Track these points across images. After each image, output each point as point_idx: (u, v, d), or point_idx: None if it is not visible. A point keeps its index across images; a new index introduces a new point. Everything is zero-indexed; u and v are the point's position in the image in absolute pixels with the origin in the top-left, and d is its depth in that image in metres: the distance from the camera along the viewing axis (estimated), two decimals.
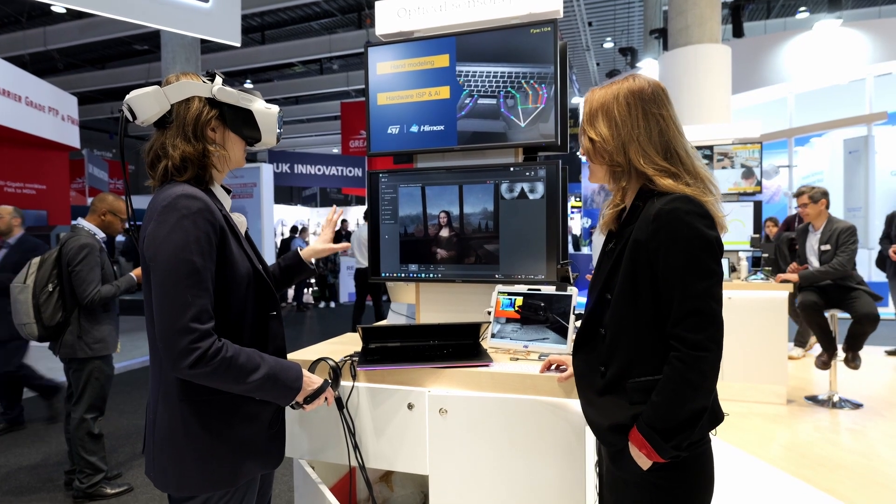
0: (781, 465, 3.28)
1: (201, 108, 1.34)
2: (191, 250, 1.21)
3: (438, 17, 2.19)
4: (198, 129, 1.33)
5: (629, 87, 1.30)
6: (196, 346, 1.18)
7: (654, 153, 1.26)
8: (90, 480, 3.10)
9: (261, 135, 1.42)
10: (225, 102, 1.36)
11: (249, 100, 1.40)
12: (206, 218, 1.24)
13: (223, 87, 1.36)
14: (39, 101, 8.15)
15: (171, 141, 1.33)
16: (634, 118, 1.27)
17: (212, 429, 1.29)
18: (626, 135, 1.27)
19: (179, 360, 1.17)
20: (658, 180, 1.24)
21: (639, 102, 1.28)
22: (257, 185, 10.44)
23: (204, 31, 6.75)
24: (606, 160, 1.31)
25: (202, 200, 1.26)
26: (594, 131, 1.31)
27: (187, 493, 1.29)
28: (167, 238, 1.21)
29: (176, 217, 1.22)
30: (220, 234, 1.28)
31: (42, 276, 2.99)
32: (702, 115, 7.15)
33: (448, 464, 1.66)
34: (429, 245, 2.18)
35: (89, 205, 3.30)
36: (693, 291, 1.16)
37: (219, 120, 1.37)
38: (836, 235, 4.28)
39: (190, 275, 1.20)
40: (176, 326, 1.18)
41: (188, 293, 1.19)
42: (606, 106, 1.30)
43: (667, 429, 1.17)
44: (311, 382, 1.41)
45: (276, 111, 1.43)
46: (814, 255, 4.45)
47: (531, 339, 1.84)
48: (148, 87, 1.34)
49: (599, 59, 17.93)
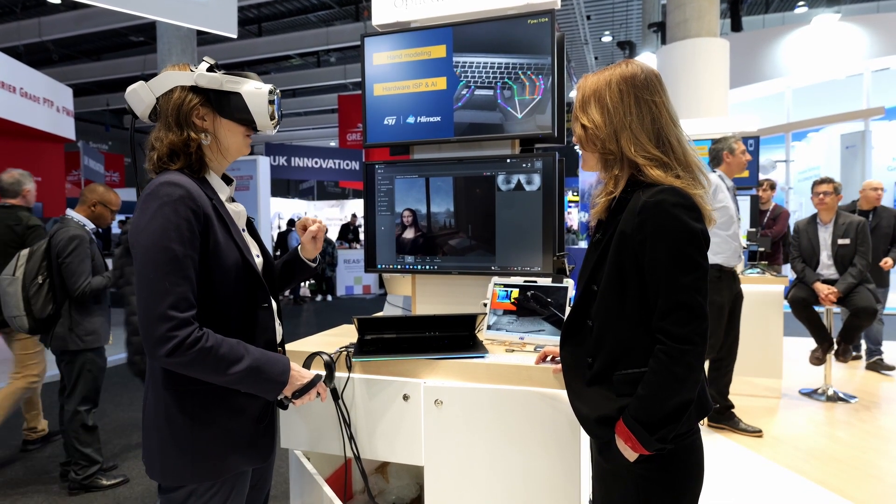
0: (776, 459, 3.30)
1: (183, 97, 1.31)
2: (170, 237, 1.19)
3: (435, 7, 2.17)
4: (181, 117, 1.31)
5: (622, 72, 1.28)
6: (173, 334, 1.16)
7: (646, 141, 1.24)
8: (85, 472, 3.10)
9: (252, 117, 1.36)
10: (210, 88, 1.33)
11: (237, 82, 1.34)
12: (187, 205, 1.22)
13: (205, 73, 1.33)
14: (34, 93, 8.09)
15: (157, 133, 1.33)
16: (627, 105, 1.26)
17: (195, 418, 1.27)
18: (619, 122, 1.25)
19: (157, 347, 1.16)
20: (647, 170, 1.23)
21: (631, 89, 1.26)
22: (254, 178, 10.42)
23: (200, 23, 6.69)
24: (598, 147, 1.30)
25: (184, 188, 1.24)
26: (586, 118, 1.29)
27: (171, 482, 1.29)
28: (147, 225, 1.20)
29: (157, 204, 1.21)
30: (203, 222, 1.26)
31: (31, 268, 2.96)
32: (700, 109, 7.15)
33: (443, 455, 1.66)
34: (425, 236, 2.18)
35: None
36: (678, 285, 1.16)
37: (207, 107, 1.34)
38: (855, 229, 4.26)
39: (169, 262, 1.18)
40: (154, 314, 1.16)
41: (167, 280, 1.18)
42: (599, 92, 1.28)
43: (652, 422, 1.17)
44: (301, 377, 1.38)
45: (267, 90, 1.35)
46: (826, 249, 4.41)
47: (527, 331, 1.84)
48: (136, 83, 1.34)
49: (598, 53, 17.89)
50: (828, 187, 4.41)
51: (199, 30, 7.91)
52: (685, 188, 1.21)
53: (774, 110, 10.88)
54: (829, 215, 4.45)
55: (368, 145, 2.28)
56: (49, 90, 8.52)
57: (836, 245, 4.33)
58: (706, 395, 1.30)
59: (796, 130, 10.81)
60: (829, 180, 4.46)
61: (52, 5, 11.99)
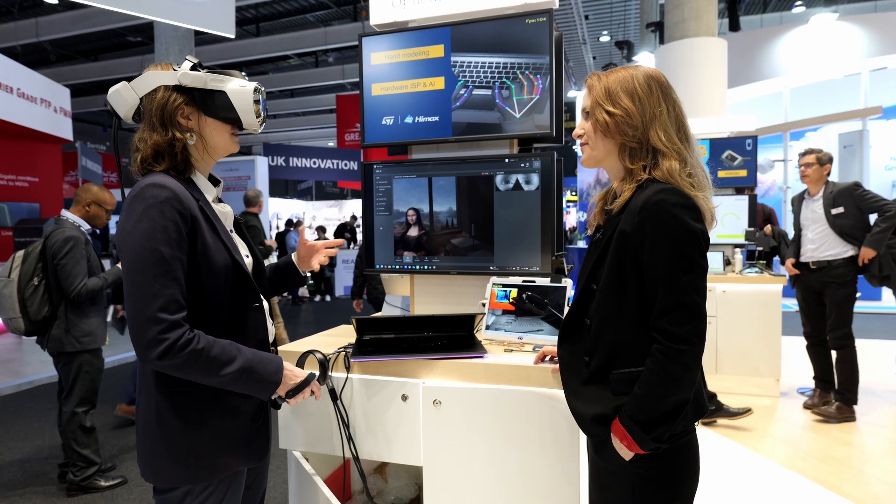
0: (774, 457, 3.30)
1: (167, 97, 1.30)
2: (157, 239, 1.18)
3: (433, 6, 2.17)
4: (165, 117, 1.29)
5: (645, 70, 1.30)
6: (164, 336, 1.16)
7: (673, 134, 1.26)
8: (84, 473, 3.09)
9: (238, 115, 1.34)
10: (194, 87, 1.32)
11: (221, 80, 1.32)
12: (174, 207, 1.21)
13: (189, 71, 1.31)
14: (32, 93, 8.08)
15: (142, 134, 1.32)
16: (656, 97, 1.27)
17: (187, 420, 1.27)
18: (650, 112, 1.26)
19: (148, 350, 1.16)
20: (666, 161, 1.24)
21: (657, 85, 1.28)
22: (252, 179, 10.42)
23: (198, 23, 6.69)
24: (627, 135, 1.27)
25: (170, 189, 1.23)
26: (615, 106, 1.27)
27: (165, 484, 1.28)
28: (134, 228, 1.19)
29: (143, 206, 1.20)
30: (190, 224, 1.25)
31: (27, 269, 2.94)
32: (698, 108, 7.15)
33: (442, 455, 1.66)
34: (425, 236, 2.17)
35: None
36: (677, 284, 1.16)
37: (191, 106, 1.33)
38: (846, 195, 3.86)
39: (157, 264, 1.18)
40: (144, 316, 1.16)
41: (156, 283, 1.17)
42: (626, 83, 1.28)
43: (648, 421, 1.17)
44: (294, 376, 1.37)
45: (252, 88, 1.33)
46: (814, 222, 4.04)
47: (525, 331, 1.84)
48: (118, 84, 1.32)
49: (596, 53, 17.91)
50: (810, 158, 4.05)
51: (196, 30, 7.90)
52: (691, 187, 1.22)
53: (772, 110, 10.91)
54: (815, 188, 4.07)
55: (367, 145, 2.28)
56: (46, 90, 8.52)
57: (831, 217, 3.94)
58: (703, 395, 1.30)
59: (794, 130, 10.84)
60: (812, 151, 4.09)
61: (50, 5, 11.97)
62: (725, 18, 11.02)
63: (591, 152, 1.35)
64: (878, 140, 9.75)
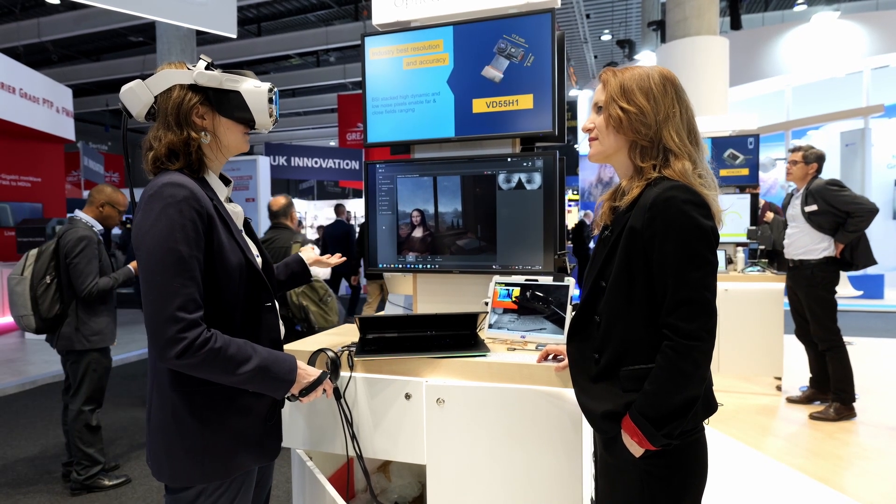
0: (777, 456, 3.30)
1: (182, 96, 1.30)
2: (176, 239, 1.18)
3: (435, 5, 2.17)
4: (180, 116, 1.30)
5: (660, 70, 1.31)
6: (183, 335, 1.16)
7: (685, 135, 1.27)
8: (88, 472, 3.10)
9: (252, 115, 1.36)
10: (209, 87, 1.32)
11: (236, 81, 1.33)
12: (191, 206, 1.22)
13: (204, 71, 1.32)
14: (34, 93, 8.10)
15: (156, 132, 1.32)
16: (671, 97, 1.28)
17: (203, 420, 1.27)
18: (664, 111, 1.26)
19: (166, 349, 1.16)
20: (678, 162, 1.24)
21: (672, 86, 1.29)
22: (253, 178, 10.43)
23: (200, 23, 6.70)
24: (640, 133, 1.27)
25: (188, 188, 1.23)
26: (630, 103, 1.27)
27: (180, 483, 1.29)
28: (152, 227, 1.19)
29: (161, 205, 1.20)
30: (207, 223, 1.25)
31: (39, 268, 2.98)
32: (699, 107, 7.07)
33: (445, 453, 1.66)
34: (427, 236, 2.18)
35: (86, 197, 3.28)
36: (687, 281, 1.16)
37: (206, 105, 1.33)
38: (824, 193, 3.81)
39: (176, 263, 1.18)
40: (162, 316, 1.16)
41: (174, 282, 1.17)
42: (642, 81, 1.28)
43: (658, 417, 1.17)
44: (307, 374, 1.39)
45: (266, 88, 1.35)
46: (793, 219, 4.05)
47: (528, 330, 1.84)
48: (132, 82, 1.32)
49: (597, 52, 17.89)
50: (796, 156, 4.01)
51: (198, 30, 7.90)
52: (702, 187, 1.23)
53: (774, 108, 10.90)
54: (800, 185, 4.05)
55: (369, 145, 2.28)
56: (48, 91, 8.53)
57: (806, 213, 3.91)
58: (712, 392, 1.30)
59: (796, 128, 10.82)
60: (800, 148, 4.03)
61: (52, 6, 11.98)
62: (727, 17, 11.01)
63: (599, 147, 1.35)
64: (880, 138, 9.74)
